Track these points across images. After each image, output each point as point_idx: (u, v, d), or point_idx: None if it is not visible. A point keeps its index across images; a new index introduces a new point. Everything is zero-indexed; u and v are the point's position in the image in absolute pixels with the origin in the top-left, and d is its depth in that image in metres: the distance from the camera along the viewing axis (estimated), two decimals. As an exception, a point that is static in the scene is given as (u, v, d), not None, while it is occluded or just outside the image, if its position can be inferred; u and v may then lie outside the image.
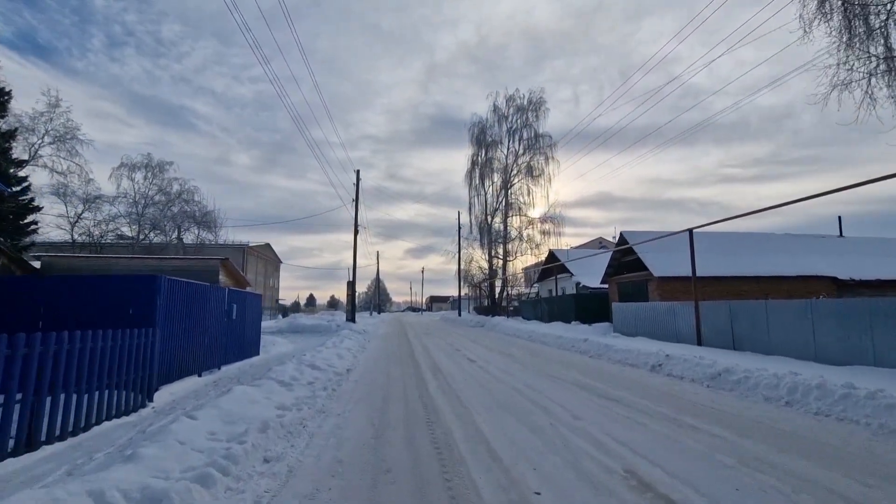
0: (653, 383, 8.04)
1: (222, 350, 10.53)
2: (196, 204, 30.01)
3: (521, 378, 8.72)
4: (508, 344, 16.32)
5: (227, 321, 10.72)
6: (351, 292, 23.78)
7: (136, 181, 28.88)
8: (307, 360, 9.83)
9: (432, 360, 11.94)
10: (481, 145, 40.78)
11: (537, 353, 13.27)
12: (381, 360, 12.01)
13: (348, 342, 14.67)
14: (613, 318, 18.34)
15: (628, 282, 21.51)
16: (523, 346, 15.49)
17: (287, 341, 17.15)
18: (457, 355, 12.82)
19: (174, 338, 8.27)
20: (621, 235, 21.45)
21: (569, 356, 12.27)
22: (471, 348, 14.73)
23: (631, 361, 10.18)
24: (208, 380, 9.12)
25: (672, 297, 18.88)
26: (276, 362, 11.28)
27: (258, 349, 13.30)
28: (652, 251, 19.99)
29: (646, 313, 16.05)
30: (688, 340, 13.48)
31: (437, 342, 17.44)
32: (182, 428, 4.47)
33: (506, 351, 13.80)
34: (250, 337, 12.55)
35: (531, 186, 39.16)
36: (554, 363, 10.89)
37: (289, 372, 8.19)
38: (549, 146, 39.08)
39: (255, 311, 13.05)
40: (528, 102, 38.76)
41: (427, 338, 19.80)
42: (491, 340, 17.97)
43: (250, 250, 63.25)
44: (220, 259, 17.74)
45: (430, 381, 8.57)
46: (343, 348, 13.04)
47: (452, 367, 10.52)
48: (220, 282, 17.43)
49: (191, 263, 17.44)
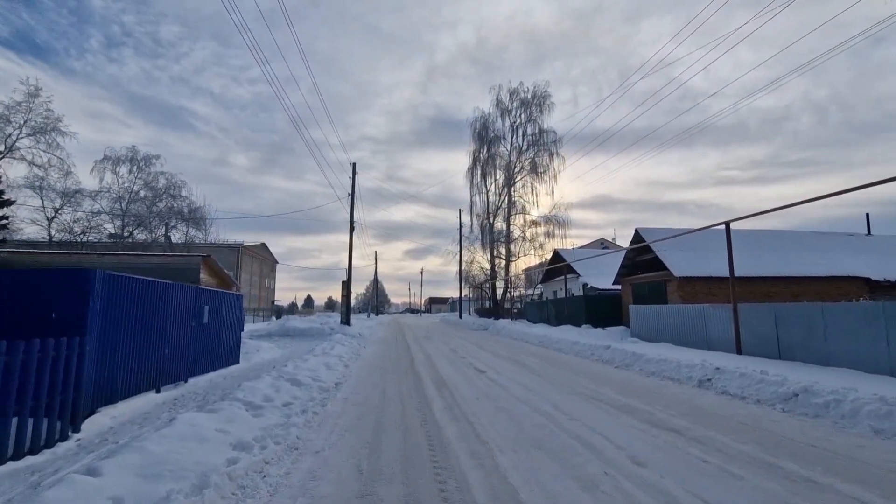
0: (710, 405, 6.53)
1: (190, 359, 9.00)
2: (184, 199, 28.47)
3: (546, 396, 7.21)
4: (518, 350, 14.80)
5: (195, 325, 9.19)
6: (346, 293, 22.25)
7: (121, 175, 27.35)
8: (289, 371, 8.32)
9: (435, 370, 10.43)
10: (483, 141, 39.30)
11: (554, 361, 11.76)
12: (377, 370, 10.49)
13: (340, 348, 13.15)
14: (631, 322, 16.86)
15: (644, 283, 20.03)
16: (535, 352, 13.97)
17: (275, 347, 15.63)
18: (462, 364, 11.31)
19: (120, 347, 6.75)
20: (636, 233, 19.97)
21: (591, 366, 10.76)
22: (477, 355, 13.22)
23: (670, 374, 8.67)
24: (168, 397, 7.59)
25: (694, 299, 17.41)
26: (256, 373, 9.77)
27: (238, 357, 11.78)
28: (671, 250, 18.51)
29: (670, 317, 14.55)
30: (722, 347, 11.99)
31: (438, 348, 15.92)
32: (66, 496, 2.95)
33: (517, 359, 12.29)
34: (228, 343, 11.02)
35: (535, 184, 37.69)
36: (578, 375, 9.38)
37: (262, 389, 6.68)
38: (554, 142, 37.65)
39: (235, 313, 11.53)
40: (533, 96, 37.33)
41: (428, 343, 18.28)
42: (498, 346, 16.46)
43: (245, 250, 61.73)
44: (202, 256, 16.22)
45: (435, 400, 7.06)
46: (334, 356, 11.53)
47: (459, 380, 9.00)
48: (202, 281, 15.93)
49: (169, 261, 15.93)
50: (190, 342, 8.96)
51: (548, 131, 37.65)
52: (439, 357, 12.95)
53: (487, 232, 39.69)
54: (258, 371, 10.53)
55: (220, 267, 17.87)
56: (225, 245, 58.84)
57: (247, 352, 13.33)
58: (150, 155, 28.13)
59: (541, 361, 11.63)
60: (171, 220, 29.24)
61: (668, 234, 18.60)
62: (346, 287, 22.34)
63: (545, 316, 26.64)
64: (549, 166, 37.18)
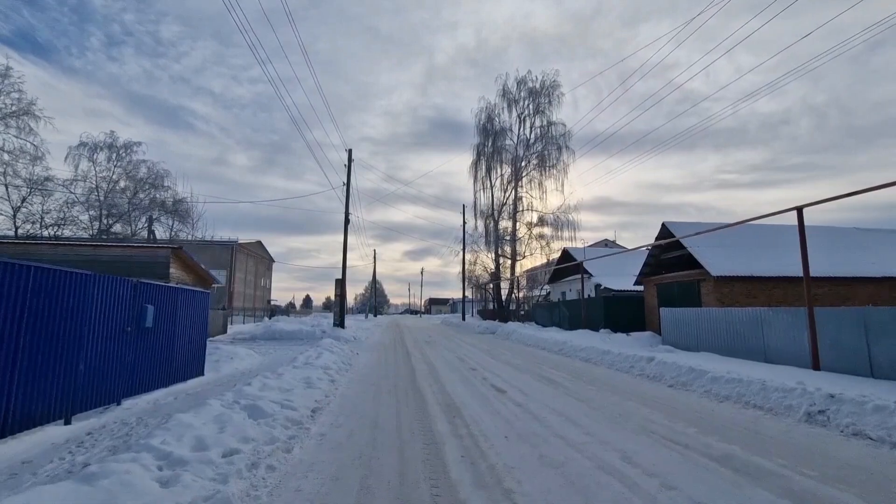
0: (852, 458, 4.46)
1: (125, 375, 6.92)
2: (167, 190, 26.35)
3: (603, 437, 5.14)
4: (537, 360, 12.72)
5: (133, 331, 7.11)
6: (340, 292, 20.18)
7: (99, 163, 25.24)
8: (251, 393, 6.25)
9: (442, 388, 8.34)
10: (488, 134, 37.23)
11: (587, 376, 9.69)
12: (370, 388, 8.40)
13: (329, 357, 11.07)
14: (663, 327, 14.78)
15: (672, 283, 17.95)
16: (559, 364, 11.89)
17: (254, 353, 13.54)
18: (475, 378, 9.24)
19: (-7, 365, 4.67)
20: (664, 228, 17.91)
21: (638, 385, 8.68)
22: (491, 367, 11.14)
23: (753, 400, 6.60)
24: (79, 431, 5.51)
25: (733, 301, 15.35)
26: (218, 390, 7.71)
27: (202, 367, 9.70)
28: (705, 246, 16.45)
29: (714, 322, 12.48)
30: (786, 360, 9.92)
31: (443, 355, 13.84)
32: None
33: (540, 372, 10.21)
34: (187, 351, 8.95)
35: (543, 179, 35.67)
36: (628, 399, 7.30)
37: (200, 425, 4.64)
38: (563, 135, 35.62)
39: (198, 314, 9.46)
40: (542, 86, 35.30)
41: (430, 348, 16.20)
42: (511, 354, 14.37)
43: (240, 247, 59.65)
44: (171, 247, 14.13)
45: (448, 443, 4.99)
46: (318, 367, 9.46)
47: (476, 405, 6.92)
48: (172, 276, 13.84)
49: (132, 253, 13.84)
50: (125, 353, 6.88)
51: (557, 123, 35.67)
52: (446, 368, 10.87)
53: (492, 230, 37.65)
54: (224, 386, 8.48)
55: (196, 261, 15.79)
56: (218, 242, 56.88)
57: (218, 360, 11.26)
58: (131, 142, 26.05)
59: (570, 377, 9.55)
60: (153, 213, 27.13)
61: (700, 228, 16.54)
62: (341, 285, 20.27)
63: (556, 319, 24.57)
64: (558, 160, 35.18)
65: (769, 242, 17.77)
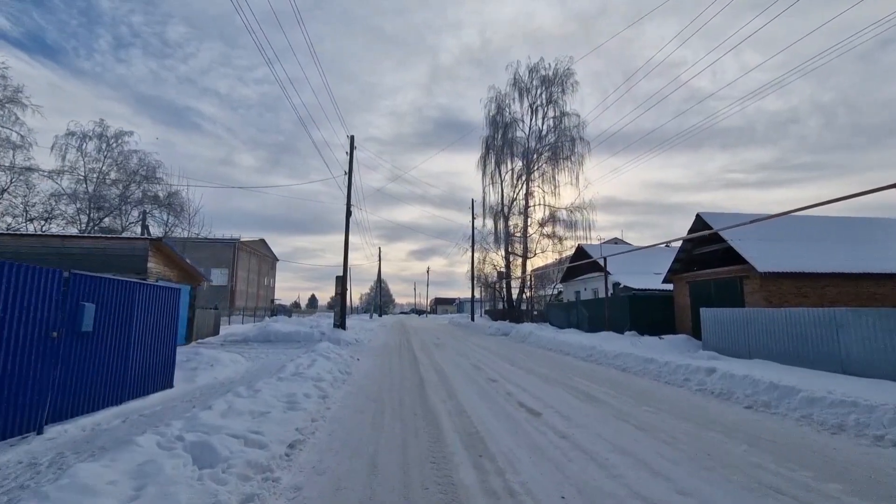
0: None
1: (50, 393, 5.34)
2: (158, 181, 24.89)
3: (710, 499, 3.47)
4: (564, 368, 11.05)
5: (65, 336, 5.52)
6: (341, 290, 18.55)
7: (88, 154, 23.83)
8: (208, 421, 4.67)
9: (459, 407, 6.71)
10: (497, 126, 35.52)
11: (634, 392, 8.00)
12: (369, 407, 6.77)
13: (323, 364, 9.48)
14: (704, 330, 13.04)
15: (707, 280, 16.18)
16: (593, 374, 10.21)
17: (242, 358, 11.97)
18: (497, 393, 7.59)
19: None
20: (698, 219, 16.15)
21: (706, 406, 6.98)
22: (513, 377, 9.49)
23: (892, 435, 4.88)
24: (-42, 478, 3.93)
25: (782, 300, 13.59)
26: (180, 409, 6.15)
27: (171, 378, 8.12)
28: (748, 240, 14.70)
29: (770, 324, 10.74)
30: (872, 373, 8.19)
31: (455, 361, 12.21)
32: None
33: (575, 385, 8.54)
34: (148, 360, 7.37)
35: (556, 173, 33.87)
36: (708, 430, 5.62)
37: (103, 493, 3.03)
38: (577, 126, 33.82)
39: (165, 314, 7.88)
40: (555, 74, 33.53)
41: (439, 352, 14.57)
42: (533, 360, 12.70)
43: (242, 245, 58.49)
44: (149, 239, 12.62)
45: None
46: (309, 378, 7.87)
47: (506, 435, 5.27)
48: (151, 271, 12.32)
49: (105, 245, 12.33)
50: (48, 365, 5.30)
51: (571, 114, 33.88)
52: (460, 378, 9.23)
53: (502, 227, 35.95)
54: (196, 402, 6.92)
55: (181, 256, 14.26)
56: (220, 240, 55.72)
57: (196, 368, 9.70)
58: (122, 131, 24.59)
59: (613, 391, 7.87)
60: (146, 207, 25.72)
61: (740, 219, 14.77)
62: (342, 283, 18.66)
63: (574, 320, 22.83)
64: (572, 153, 33.38)
65: (816, 235, 15.98)
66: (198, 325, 16.32)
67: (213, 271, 55.83)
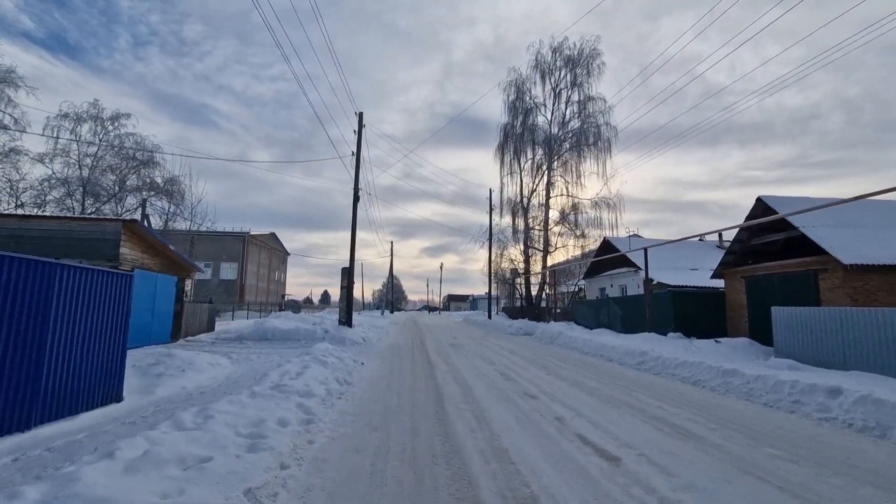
0: None
1: None
2: (156, 166, 23.34)
3: None
4: (616, 380, 8.98)
5: None
6: (347, 284, 16.63)
7: (82, 137, 22.37)
8: (82, 492, 2.74)
9: (501, 450, 4.72)
10: (517, 112, 33.26)
11: (740, 423, 5.92)
12: (366, 449, 4.79)
13: (317, 372, 7.59)
14: (776, 333, 10.83)
15: (770, 275, 13.89)
16: (660, 390, 8.11)
17: (226, 361, 10.16)
18: (545, 419, 5.60)
19: None
20: (759, 203, 13.86)
21: (857, 448, 4.88)
22: (557, 392, 7.47)
23: None
24: None
25: (870, 298, 11.31)
26: (111, 436, 4.31)
27: (118, 389, 6.30)
28: (823, 227, 12.41)
29: (878, 328, 8.51)
30: None
31: (477, 367, 10.24)
32: None
33: (645, 408, 6.50)
34: (77, 368, 5.54)
35: (580, 162, 31.53)
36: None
37: None
38: (603, 111, 31.42)
39: (108, 309, 6.05)
40: (580, 54, 31.13)
41: (457, 355, 12.62)
42: (572, 367, 10.65)
43: (252, 239, 57.24)
44: (122, 221, 10.90)
45: None
46: (294, 393, 5.99)
47: (575, 499, 3.26)
48: (124, 258, 10.59)
49: (71, 227, 10.62)
50: None
51: (596, 98, 31.46)
52: (489, 394, 7.24)
53: (521, 219, 33.78)
54: (131, 426, 5.09)
55: (164, 242, 12.52)
56: (229, 234, 54.53)
57: (162, 374, 7.90)
58: (119, 113, 23.08)
59: (707, 420, 5.80)
60: (144, 194, 24.24)
61: (812, 203, 12.48)
62: (348, 275, 16.77)
63: (604, 319, 20.62)
64: (597, 139, 31.00)
65: None
66: (187, 321, 14.62)
67: (223, 265, 54.73)
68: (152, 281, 12.32)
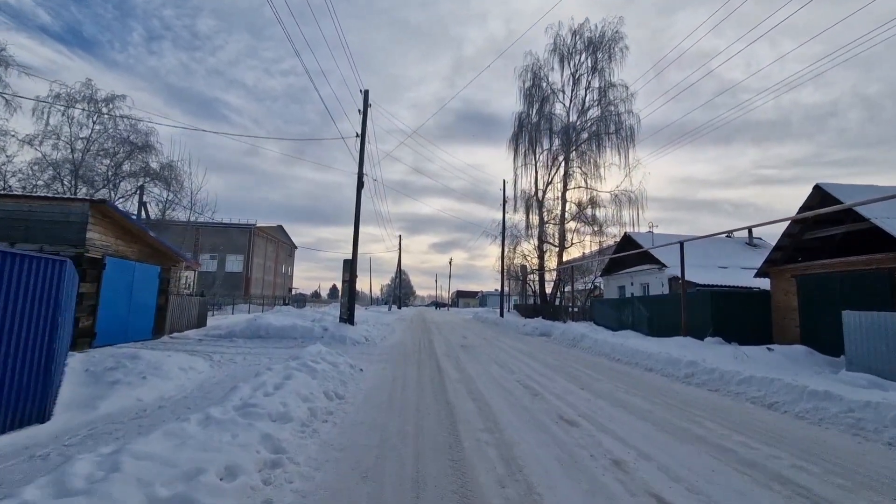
0: None
1: None
2: (150, 150, 22.09)
3: None
4: (673, 400, 7.43)
5: None
6: (349, 277, 15.22)
7: (74, 119, 21.18)
8: None
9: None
10: (533, 100, 31.51)
11: (873, 477, 4.36)
12: (360, 489, 3.31)
13: (303, 382, 6.16)
14: (848, 342, 9.16)
15: (828, 274, 12.16)
16: (732, 417, 6.52)
17: (207, 364, 8.79)
18: (600, 467, 4.10)
19: None
20: (817, 191, 12.13)
21: None
22: (606, 420, 5.95)
23: None
24: None
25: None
26: None
27: (44, 404, 4.92)
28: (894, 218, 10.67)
29: None
30: None
31: (497, 378, 8.75)
32: None
33: (739, 451, 4.96)
34: None
35: (599, 153, 29.72)
36: None
37: None
38: (624, 99, 29.54)
39: (24, 299, 4.65)
40: (601, 37, 29.26)
41: (471, 360, 11.14)
42: (611, 380, 9.11)
43: (258, 231, 56.23)
44: (90, 201, 9.55)
45: None
46: (261, 417, 4.56)
47: None
48: (92, 243, 9.26)
49: (31, 207, 9.29)
50: None
51: (618, 85, 29.60)
52: (511, 414, 5.74)
53: (536, 213, 32.11)
54: (42, 461, 3.70)
55: (143, 227, 11.18)
56: (235, 225, 53.52)
57: (117, 381, 6.54)
58: (114, 95, 21.85)
59: (816, 465, 4.25)
60: (141, 180, 23.07)
61: (885, 192, 10.75)
62: (350, 268, 15.37)
63: (628, 320, 18.96)
64: (619, 129, 29.16)
65: None
66: (173, 316, 13.32)
67: (228, 257, 53.84)
68: (128, 271, 11.00)
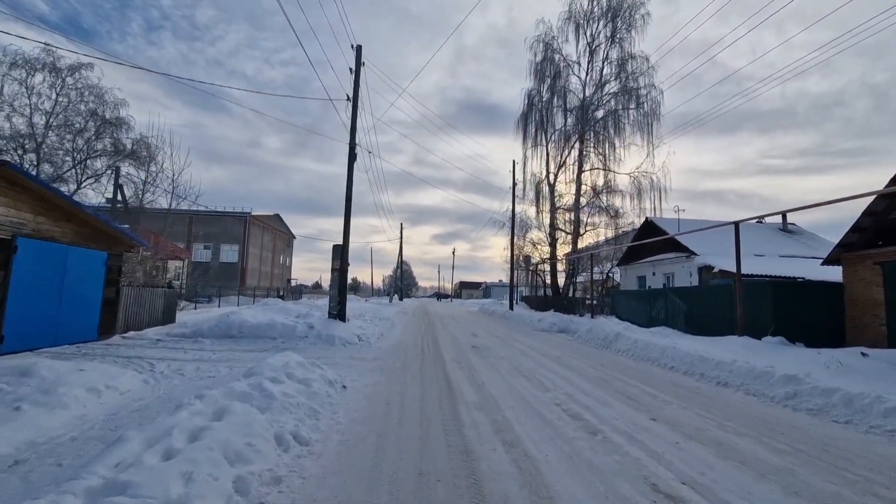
0: None
1: None
2: (122, 124, 19.75)
3: None
4: (802, 443, 5.17)
5: None
6: (340, 265, 12.98)
7: (34, 89, 18.85)
8: None
9: None
10: (544, 75, 28.91)
11: None
12: None
13: (246, 419, 3.92)
14: None
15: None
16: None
17: (140, 377, 6.58)
18: None
19: None
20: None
21: None
22: (730, 495, 3.69)
23: None
24: None
25: None
26: None
27: None
28: None
29: None
30: None
31: (528, 398, 6.53)
32: None
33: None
34: None
35: (618, 132, 27.21)
36: None
37: None
38: (645, 72, 26.93)
39: None
40: (620, 3, 26.58)
41: (488, 369, 8.91)
42: (682, 400, 6.87)
43: (254, 220, 53.98)
44: (-15, 162, 7.25)
45: None
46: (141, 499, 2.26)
47: None
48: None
49: None
50: None
51: (638, 57, 26.99)
52: (572, 478, 3.52)
53: (547, 198, 29.73)
54: None
55: (72, 201, 8.90)
56: (230, 213, 51.20)
57: (38, 393, 4.31)
58: (80, 63, 19.47)
59: None
60: (115, 159, 20.78)
61: None
62: (341, 254, 13.09)
63: (660, 315, 16.68)
64: (639, 105, 26.63)
65: None
66: (129, 312, 11.13)
67: (223, 247, 51.69)
68: (59, 256, 8.78)
